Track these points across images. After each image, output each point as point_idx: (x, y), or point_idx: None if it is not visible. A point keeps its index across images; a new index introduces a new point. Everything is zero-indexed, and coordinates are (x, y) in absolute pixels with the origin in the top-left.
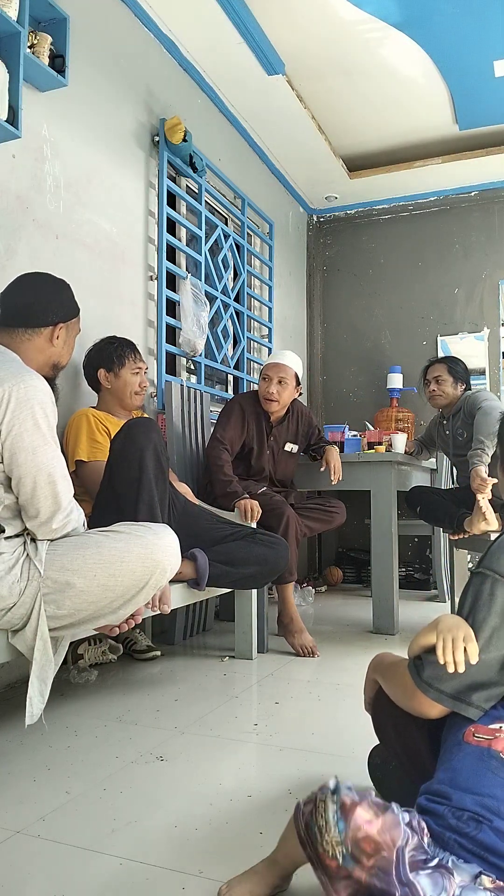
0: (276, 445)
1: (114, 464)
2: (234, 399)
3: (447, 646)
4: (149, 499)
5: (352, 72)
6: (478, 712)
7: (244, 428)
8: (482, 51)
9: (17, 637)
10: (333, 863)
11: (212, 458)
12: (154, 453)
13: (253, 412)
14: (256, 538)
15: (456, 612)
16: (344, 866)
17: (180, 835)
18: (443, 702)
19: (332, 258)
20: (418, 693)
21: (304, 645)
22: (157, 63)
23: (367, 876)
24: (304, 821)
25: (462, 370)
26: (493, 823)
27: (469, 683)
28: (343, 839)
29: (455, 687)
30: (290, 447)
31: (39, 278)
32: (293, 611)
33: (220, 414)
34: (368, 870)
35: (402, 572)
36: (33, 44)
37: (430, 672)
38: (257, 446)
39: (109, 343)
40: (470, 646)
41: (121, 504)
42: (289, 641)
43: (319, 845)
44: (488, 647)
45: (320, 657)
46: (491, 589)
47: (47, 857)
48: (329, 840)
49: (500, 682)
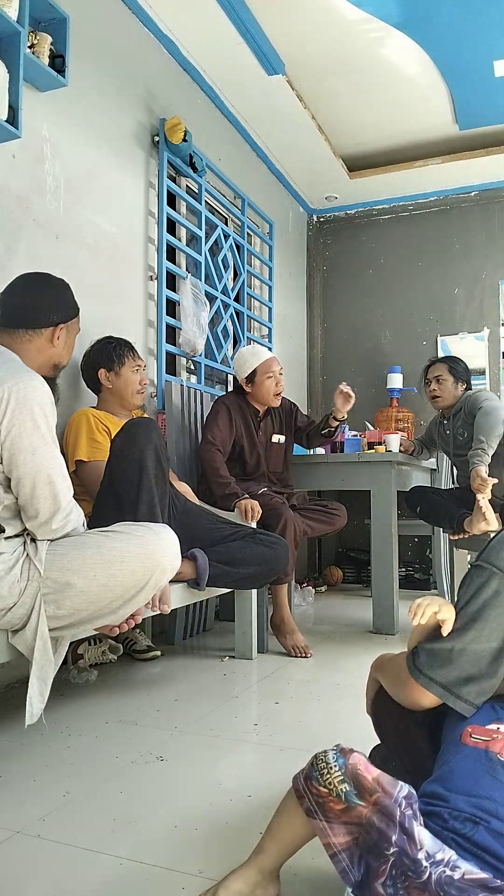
0: (264, 439)
1: (114, 463)
2: (218, 401)
3: (422, 603)
4: (149, 498)
5: (352, 72)
6: (468, 707)
7: (232, 427)
8: (482, 51)
9: (17, 637)
10: (336, 802)
11: (206, 461)
12: (154, 453)
13: (238, 410)
14: (257, 538)
15: (454, 603)
16: (347, 802)
17: (180, 835)
18: (432, 689)
19: (332, 258)
20: (411, 680)
21: (296, 645)
22: (157, 63)
23: (368, 812)
24: (304, 773)
25: (463, 370)
26: (489, 825)
27: (460, 675)
28: (344, 775)
29: (446, 677)
30: (277, 438)
31: (39, 278)
32: (285, 612)
33: (207, 418)
34: (371, 805)
35: (402, 572)
36: (33, 44)
37: (425, 659)
38: (247, 443)
39: (108, 343)
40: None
41: (121, 504)
42: (280, 642)
43: (322, 786)
44: (480, 637)
45: (321, 657)
46: (488, 581)
47: (47, 857)
48: (331, 779)
49: (489, 675)
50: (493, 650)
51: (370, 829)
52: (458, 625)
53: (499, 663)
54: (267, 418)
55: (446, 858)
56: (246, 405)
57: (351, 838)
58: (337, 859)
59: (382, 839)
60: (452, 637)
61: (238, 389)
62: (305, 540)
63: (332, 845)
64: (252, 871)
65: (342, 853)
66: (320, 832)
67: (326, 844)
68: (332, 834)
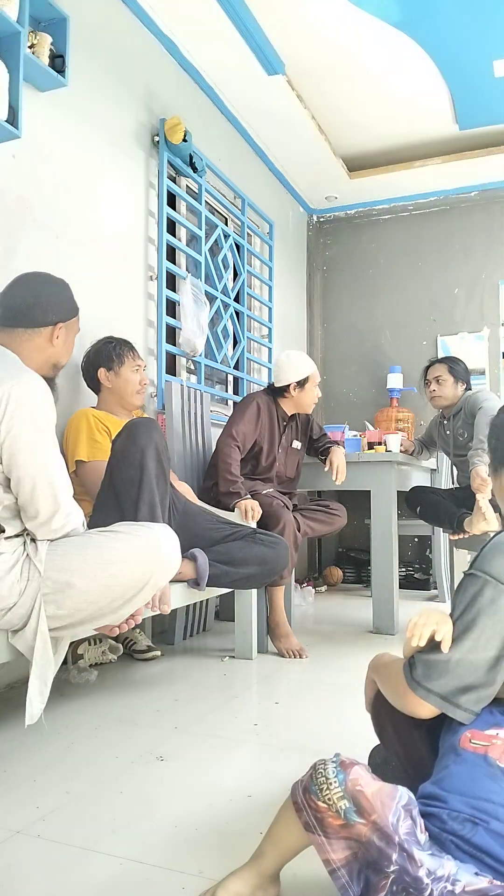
0: (287, 443)
1: (115, 463)
2: (252, 396)
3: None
4: (150, 498)
5: (352, 72)
6: (467, 715)
7: (258, 426)
8: (482, 51)
9: (17, 637)
10: (335, 818)
11: (222, 454)
12: (155, 453)
13: (267, 412)
14: (256, 538)
15: (449, 614)
16: (346, 819)
17: (180, 835)
18: (431, 700)
19: (332, 258)
20: (409, 692)
21: (290, 649)
22: (157, 63)
23: (367, 831)
24: (303, 785)
25: (462, 370)
26: (489, 826)
27: (458, 685)
28: (344, 792)
29: (444, 687)
30: (297, 444)
31: (39, 278)
32: (280, 616)
33: (235, 409)
34: (371, 824)
35: (402, 572)
36: (33, 44)
37: (422, 671)
38: (268, 445)
39: (107, 343)
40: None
41: (121, 504)
42: (275, 645)
43: (321, 801)
44: (477, 647)
45: (321, 657)
46: (482, 590)
47: (47, 857)
48: (331, 795)
49: (487, 683)
50: (490, 659)
51: (370, 846)
52: (454, 634)
53: (496, 671)
54: (292, 424)
55: (447, 874)
56: (276, 407)
57: (350, 853)
58: (336, 875)
59: (382, 857)
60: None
61: (271, 390)
62: (305, 540)
63: (331, 861)
64: (252, 873)
65: (341, 869)
66: (319, 848)
67: (325, 861)
68: (331, 850)
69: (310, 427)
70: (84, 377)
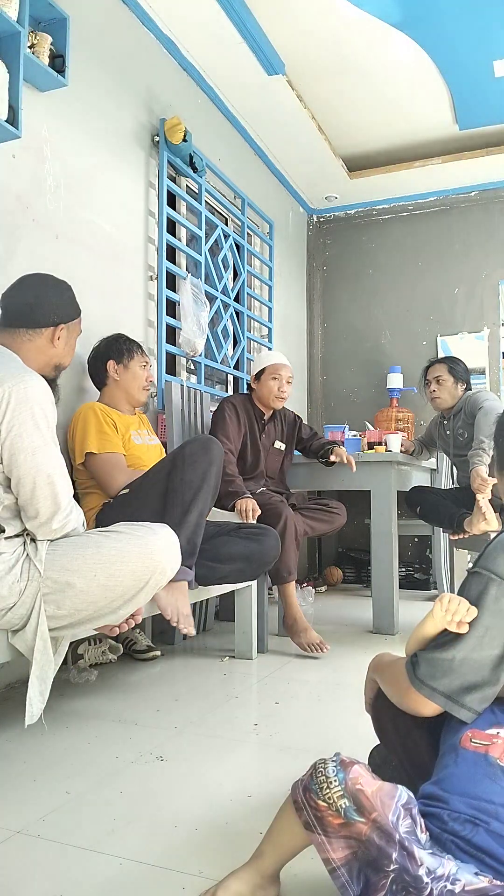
0: (267, 442)
1: (180, 464)
2: (225, 401)
3: (454, 598)
4: (202, 509)
5: (352, 72)
6: (470, 714)
7: (240, 425)
8: (482, 51)
9: (17, 637)
10: (335, 817)
11: None
12: (218, 472)
13: (244, 412)
14: (241, 532)
15: None
16: (346, 818)
17: (180, 835)
18: (435, 699)
19: (332, 258)
20: (412, 690)
21: (311, 643)
22: (157, 63)
23: (367, 830)
24: (303, 784)
25: (462, 370)
26: (489, 826)
27: (462, 683)
28: (344, 791)
29: (448, 686)
30: (279, 445)
31: (41, 279)
32: (296, 611)
33: (214, 418)
34: (371, 822)
35: (402, 572)
36: (33, 44)
37: (425, 669)
38: (251, 444)
39: (118, 338)
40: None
41: (170, 499)
42: (295, 642)
43: (321, 799)
44: (481, 645)
45: (321, 657)
46: (486, 588)
47: (47, 857)
48: (331, 794)
49: (492, 682)
50: (495, 657)
51: (370, 845)
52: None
53: (500, 670)
54: (272, 423)
55: (446, 873)
56: (251, 405)
57: (350, 852)
58: (336, 875)
59: (382, 856)
60: (453, 646)
61: (246, 390)
62: (305, 540)
63: (331, 860)
64: (252, 873)
65: (341, 868)
66: (319, 847)
67: (325, 860)
68: (331, 849)
69: (297, 428)
70: (90, 370)
